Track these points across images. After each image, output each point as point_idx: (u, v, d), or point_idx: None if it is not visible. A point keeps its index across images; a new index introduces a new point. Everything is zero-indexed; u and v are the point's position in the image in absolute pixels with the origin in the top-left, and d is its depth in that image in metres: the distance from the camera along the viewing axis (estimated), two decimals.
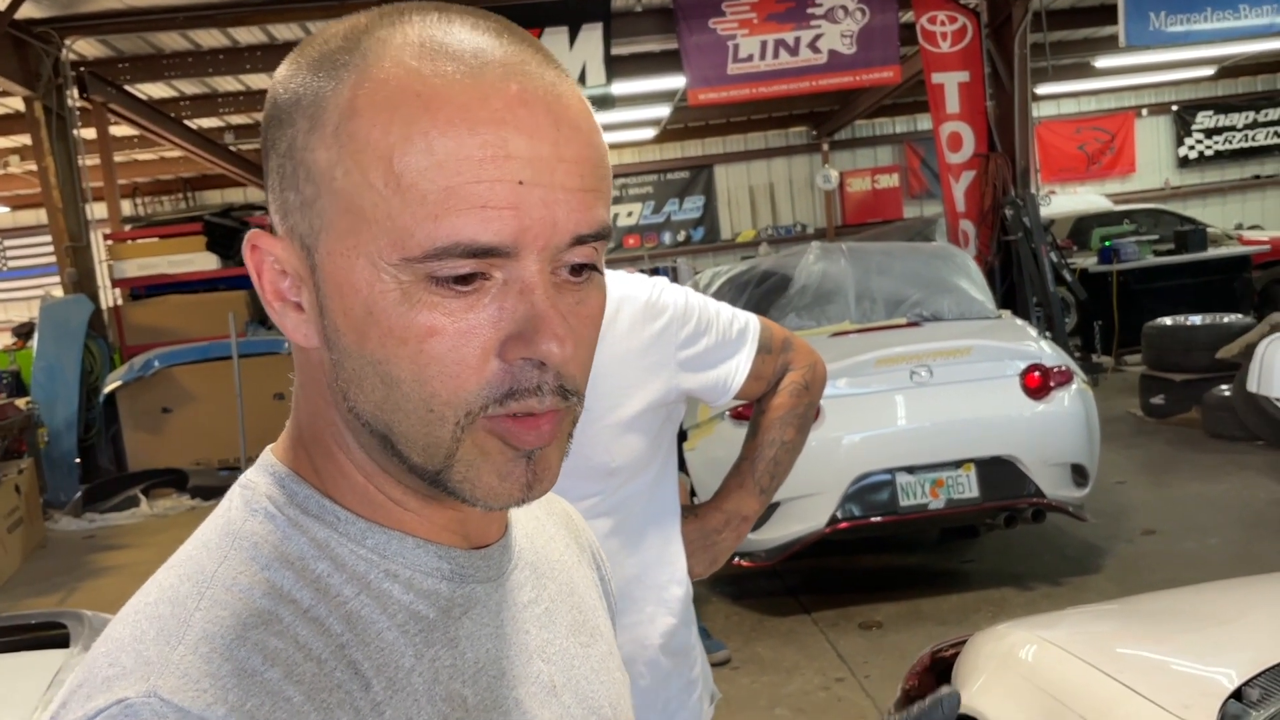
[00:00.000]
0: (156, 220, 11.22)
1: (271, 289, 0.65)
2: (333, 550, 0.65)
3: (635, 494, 1.68)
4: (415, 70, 0.59)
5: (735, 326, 1.77)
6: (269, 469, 0.69)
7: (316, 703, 0.59)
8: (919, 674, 2.90)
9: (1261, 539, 5.19)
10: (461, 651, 0.67)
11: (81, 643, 2.28)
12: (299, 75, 0.63)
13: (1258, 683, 1.91)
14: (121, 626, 0.62)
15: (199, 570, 0.63)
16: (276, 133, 0.63)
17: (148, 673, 0.57)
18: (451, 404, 0.60)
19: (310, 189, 0.61)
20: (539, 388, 0.61)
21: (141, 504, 8.14)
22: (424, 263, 0.58)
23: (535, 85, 0.60)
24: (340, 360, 0.63)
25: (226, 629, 0.59)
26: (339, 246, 0.61)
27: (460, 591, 0.68)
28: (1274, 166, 17.22)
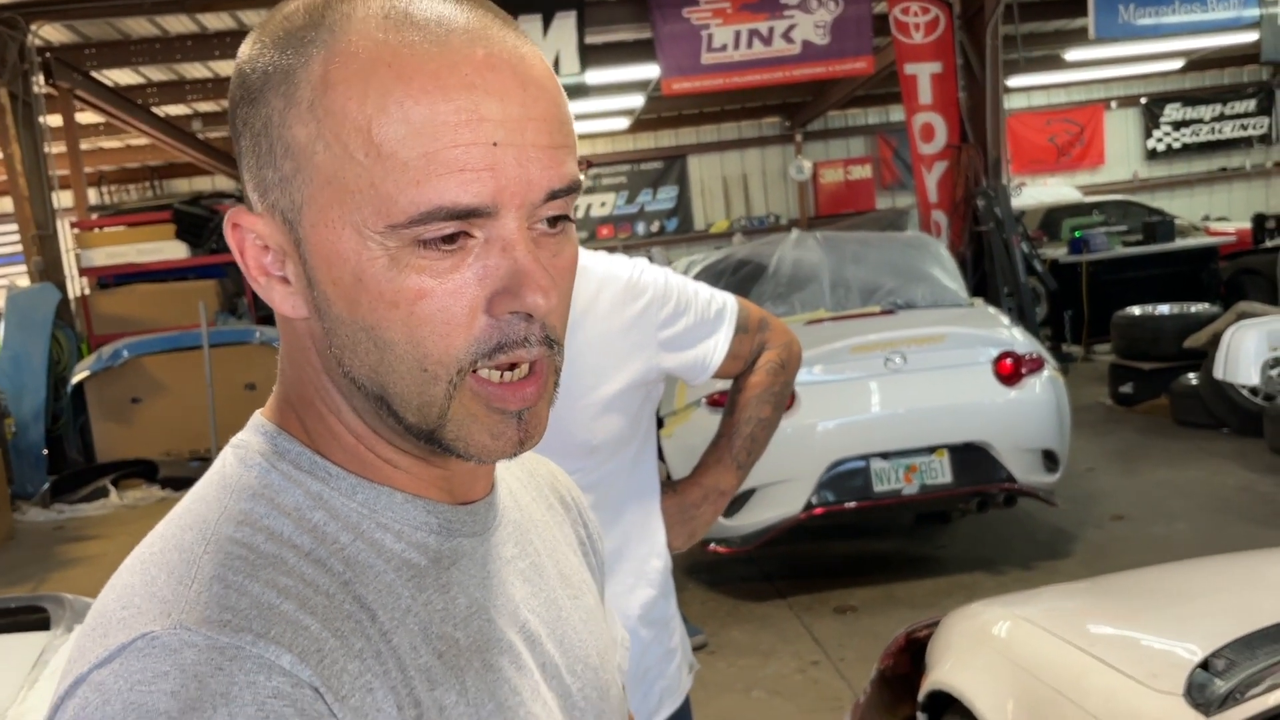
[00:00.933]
0: (124, 208, 11.11)
1: (255, 265, 0.66)
2: (326, 502, 0.67)
3: (616, 470, 1.70)
4: (383, 41, 0.60)
5: (714, 307, 1.80)
6: (260, 429, 0.70)
7: (332, 629, 0.60)
8: (894, 654, 2.94)
9: (1227, 524, 5.28)
10: (453, 597, 0.69)
11: (63, 625, 2.27)
12: (266, 53, 0.64)
13: (1223, 654, 1.96)
14: (128, 575, 0.63)
15: (201, 520, 0.65)
16: (249, 111, 0.64)
17: (167, 609, 0.58)
18: (444, 362, 0.62)
19: (289, 165, 0.62)
20: (526, 339, 0.63)
21: (111, 495, 8.07)
22: (409, 228, 0.60)
23: (500, 49, 0.62)
24: (332, 328, 0.64)
25: (236, 569, 0.61)
26: (323, 218, 0.62)
27: (448, 544, 0.70)
28: (1240, 159, 17.46)
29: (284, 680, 0.56)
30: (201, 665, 0.56)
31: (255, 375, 8.77)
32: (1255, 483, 5.88)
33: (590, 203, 16.71)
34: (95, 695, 0.56)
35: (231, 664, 0.56)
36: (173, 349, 8.69)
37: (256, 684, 0.56)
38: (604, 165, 16.59)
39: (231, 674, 0.56)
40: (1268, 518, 5.29)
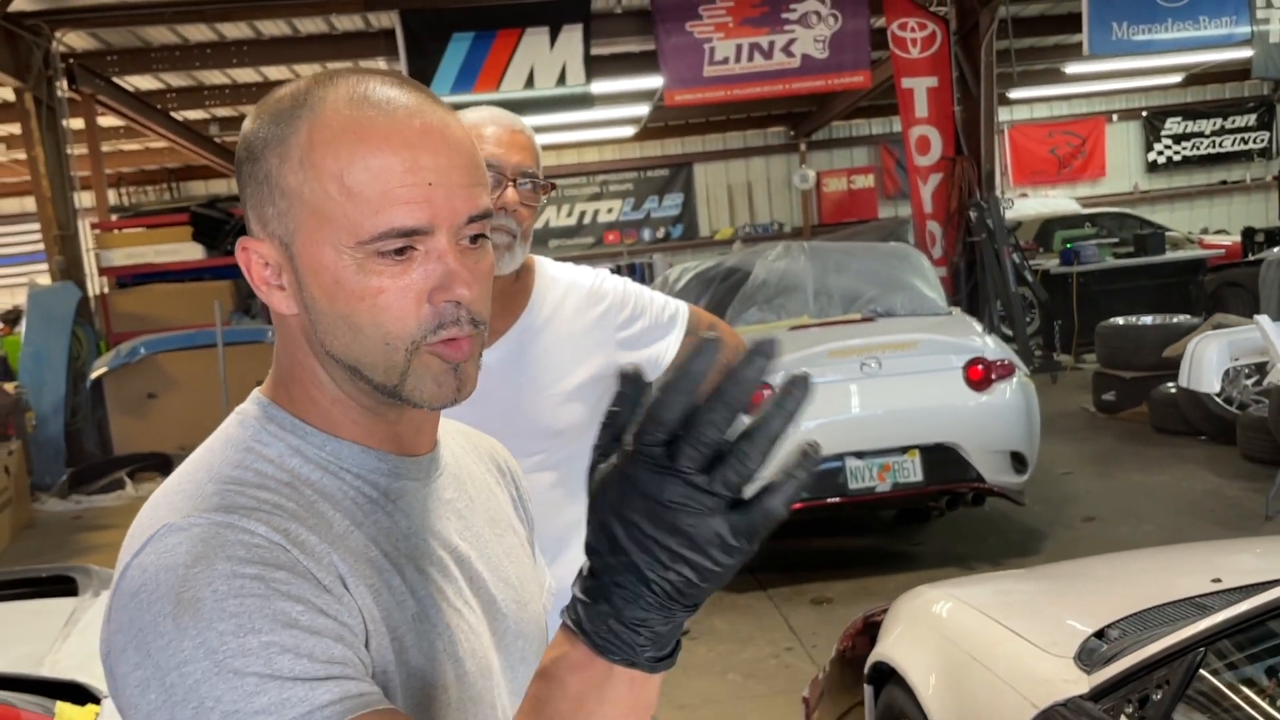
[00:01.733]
0: (143, 210, 11.42)
1: (259, 277, 0.93)
2: (302, 452, 0.93)
3: (576, 453, 1.95)
4: (349, 116, 0.88)
5: (667, 312, 2.06)
6: (256, 400, 0.97)
7: (300, 521, 0.86)
8: (853, 636, 3.21)
9: (1192, 525, 5.52)
10: (396, 521, 0.95)
11: (90, 591, 2.54)
12: (265, 126, 0.91)
13: (1119, 625, 2.21)
14: (154, 501, 0.90)
15: (207, 464, 0.91)
16: (252, 167, 0.91)
17: (181, 511, 0.85)
18: (401, 337, 0.89)
19: (284, 203, 0.89)
20: (458, 320, 0.90)
21: (127, 486, 8.36)
22: (371, 243, 0.87)
23: (430, 119, 0.89)
24: (317, 319, 0.91)
25: (230, 492, 0.87)
26: (310, 239, 0.88)
27: (395, 485, 0.96)
28: (1241, 172, 17.62)
29: (262, 538, 0.82)
30: (204, 531, 0.81)
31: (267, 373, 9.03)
32: (1223, 487, 6.11)
33: (597, 209, 16.97)
34: (136, 571, 0.82)
35: (225, 530, 0.81)
36: (188, 347, 8.99)
37: (244, 540, 0.81)
38: (611, 172, 16.86)
39: (225, 535, 0.81)
40: (1231, 520, 5.53)
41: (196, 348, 8.94)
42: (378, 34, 9.89)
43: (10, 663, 2.16)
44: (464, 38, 9.23)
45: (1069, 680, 2.00)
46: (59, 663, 2.17)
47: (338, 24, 9.90)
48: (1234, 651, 1.87)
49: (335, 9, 9.19)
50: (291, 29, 9.92)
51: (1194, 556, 2.97)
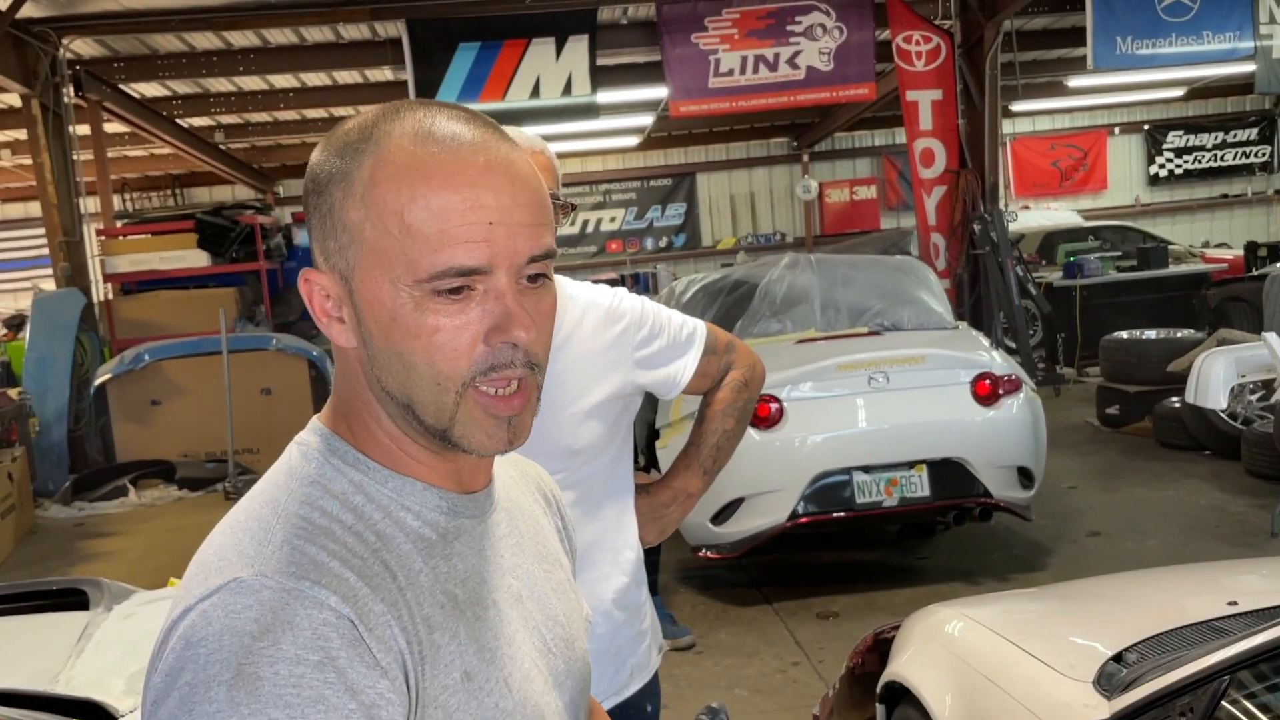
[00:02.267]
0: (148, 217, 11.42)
1: (320, 308, 0.93)
2: (365, 488, 0.93)
3: (595, 472, 1.95)
4: (413, 152, 0.87)
5: (685, 331, 2.06)
6: (317, 431, 0.97)
7: (366, 582, 0.86)
8: (862, 653, 3.20)
9: (1196, 540, 5.51)
10: (454, 564, 0.94)
11: (102, 605, 2.53)
12: (331, 159, 0.91)
13: (1137, 648, 2.21)
14: (220, 537, 0.89)
15: (274, 500, 0.91)
16: (318, 199, 0.91)
17: (250, 562, 0.84)
18: (452, 378, 0.88)
19: (346, 237, 0.89)
20: (513, 362, 0.89)
21: (130, 494, 8.35)
22: (428, 282, 0.86)
23: (495, 156, 0.89)
24: (374, 354, 0.91)
25: (299, 536, 0.87)
26: (369, 275, 0.88)
27: (454, 523, 0.96)
28: (1242, 186, 17.65)
29: (331, 614, 0.81)
30: (275, 601, 0.81)
31: (271, 380, 9.07)
32: (1227, 503, 6.11)
33: (600, 218, 16.98)
34: (200, 619, 0.81)
35: (295, 601, 0.81)
36: (192, 354, 8.99)
37: (312, 615, 0.81)
38: (614, 181, 16.88)
39: (295, 608, 0.81)
40: (1235, 536, 5.52)
41: (200, 355, 8.95)
42: (384, 43, 9.91)
43: (24, 679, 2.16)
44: (470, 47, 9.25)
45: (1089, 705, 2.00)
46: (74, 680, 2.16)
47: (345, 33, 9.91)
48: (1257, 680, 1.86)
49: (342, 18, 9.20)
50: (298, 37, 9.93)
51: (1206, 577, 2.96)
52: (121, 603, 2.57)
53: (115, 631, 2.34)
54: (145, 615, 2.43)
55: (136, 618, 2.42)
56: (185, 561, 0.91)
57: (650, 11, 9.66)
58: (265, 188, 15.90)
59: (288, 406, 9.07)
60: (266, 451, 8.92)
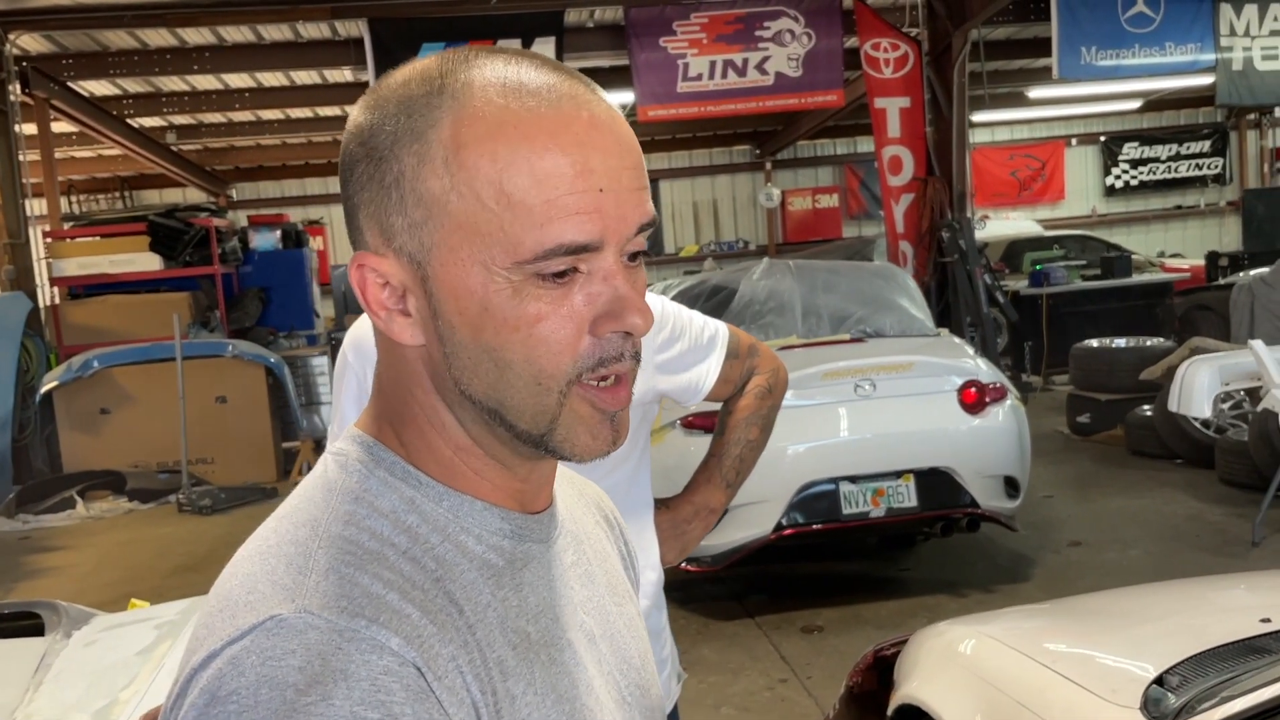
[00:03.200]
0: (98, 218, 11.06)
1: (375, 300, 0.76)
2: (418, 506, 0.76)
3: (613, 487, 1.78)
4: (505, 106, 0.71)
5: (706, 333, 1.91)
6: (357, 440, 0.80)
7: (430, 618, 0.70)
8: (862, 671, 3.06)
9: (1178, 551, 5.47)
10: (525, 596, 0.78)
11: (60, 630, 2.32)
12: (391, 118, 0.73)
13: (1176, 671, 2.09)
14: (248, 565, 0.72)
15: (311, 518, 0.74)
16: (374, 169, 0.74)
17: (290, 595, 0.68)
18: (555, 376, 0.73)
19: (420, 212, 0.72)
20: (622, 354, 0.75)
21: (78, 506, 8.03)
22: (533, 263, 0.71)
23: (599, 112, 0.74)
24: (454, 352, 0.74)
25: (346, 563, 0.70)
26: (453, 257, 0.72)
27: (520, 548, 0.80)
28: (1195, 197, 17.91)
29: (393, 659, 0.66)
30: (324, 644, 0.65)
31: (227, 388, 8.79)
32: (1205, 512, 6.08)
33: None
34: (230, 667, 0.65)
35: (349, 644, 0.65)
36: (144, 361, 8.69)
37: (370, 662, 0.65)
38: None
39: (349, 653, 0.65)
40: (1217, 546, 5.48)
41: (153, 362, 8.66)
42: (345, 42, 9.69)
43: None
44: (434, 47, 9.04)
45: None
46: (33, 716, 1.96)
47: (304, 31, 9.68)
48: None
49: (302, 16, 8.97)
50: (256, 35, 9.68)
51: (1224, 592, 2.87)
52: (81, 628, 2.36)
53: (77, 661, 2.14)
54: (109, 643, 2.22)
55: (100, 645, 2.21)
56: (137, 576, 0.77)
57: (618, 14, 9.55)
58: (218, 191, 15.54)
59: (244, 415, 8.81)
60: (221, 462, 8.65)
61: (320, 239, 15.61)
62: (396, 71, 0.77)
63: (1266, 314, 7.75)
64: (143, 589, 5.51)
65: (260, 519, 0.79)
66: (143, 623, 2.34)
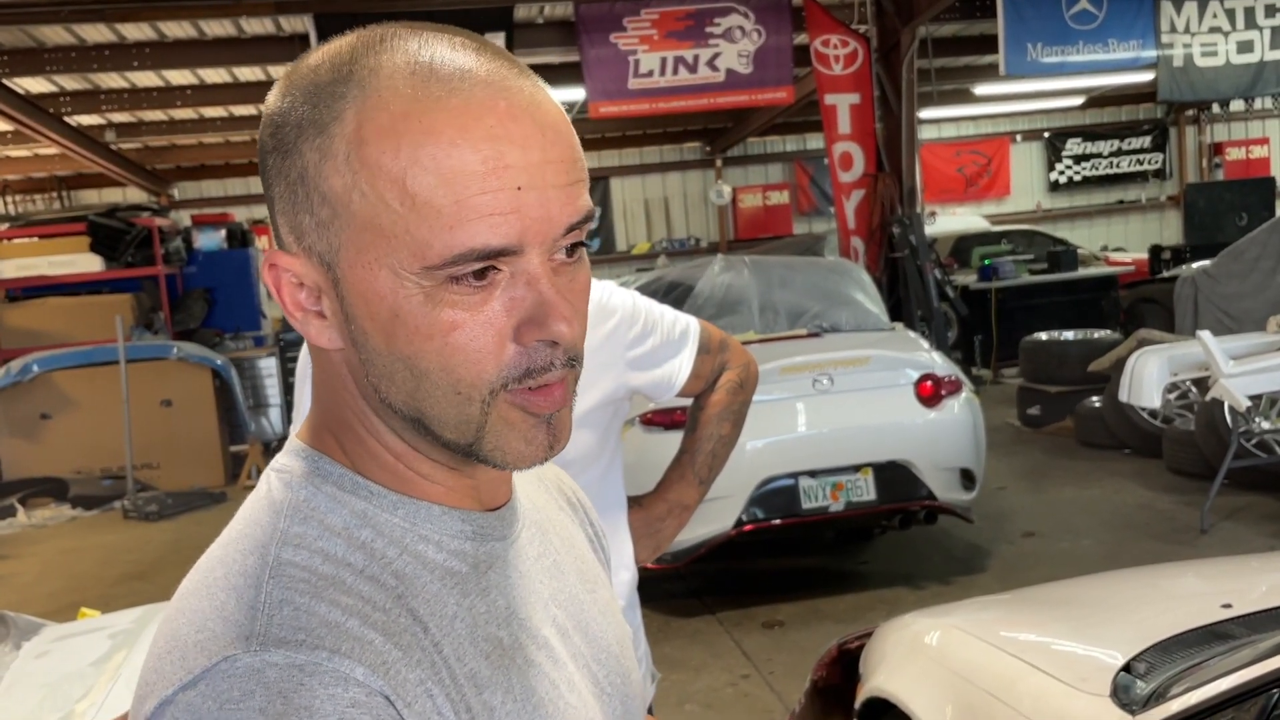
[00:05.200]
0: (35, 219, 10.77)
1: (291, 301, 0.72)
2: (371, 519, 0.72)
3: (586, 485, 1.74)
4: (411, 96, 0.65)
5: (678, 328, 1.89)
6: (299, 453, 0.75)
7: (394, 642, 0.66)
8: (827, 665, 3.06)
9: (1129, 539, 5.56)
10: (492, 600, 0.75)
11: (9, 642, 2.24)
12: (297, 106, 0.68)
13: (1143, 658, 2.11)
14: (195, 600, 0.68)
15: (258, 544, 0.69)
16: (282, 161, 0.69)
17: (243, 632, 0.63)
18: (476, 385, 0.68)
19: (326, 211, 0.67)
20: (551, 364, 0.69)
21: (19, 514, 7.83)
22: (443, 268, 0.66)
23: (518, 99, 0.68)
24: (369, 359, 0.70)
25: (300, 591, 0.66)
26: (360, 260, 0.67)
27: (483, 549, 0.76)
28: (1137, 192, 18.25)
29: (359, 690, 0.62)
30: (284, 682, 0.61)
31: (172, 391, 8.60)
32: (1154, 500, 6.19)
33: None
34: (186, 714, 0.61)
35: (311, 679, 0.61)
36: (85, 364, 8.49)
37: (335, 695, 0.61)
38: None
39: (312, 688, 0.61)
40: (1167, 534, 5.58)
41: (95, 365, 8.46)
42: (290, 38, 9.52)
43: None
44: None
45: None
46: None
47: (247, 27, 9.49)
48: None
49: (245, 11, 8.78)
50: (197, 31, 9.47)
51: (1181, 578, 2.91)
52: (31, 639, 2.28)
53: (28, 673, 2.06)
54: (62, 654, 2.15)
55: (52, 656, 2.14)
56: (83, 585, 0.72)
57: (568, 10, 9.49)
58: (159, 190, 15.21)
59: (190, 418, 8.63)
60: (167, 467, 8.47)
61: (266, 238, 15.36)
62: (313, 52, 0.72)
63: (1210, 306, 7.90)
64: (89, 598, 5.36)
65: (208, 524, 0.75)
66: (96, 632, 2.27)
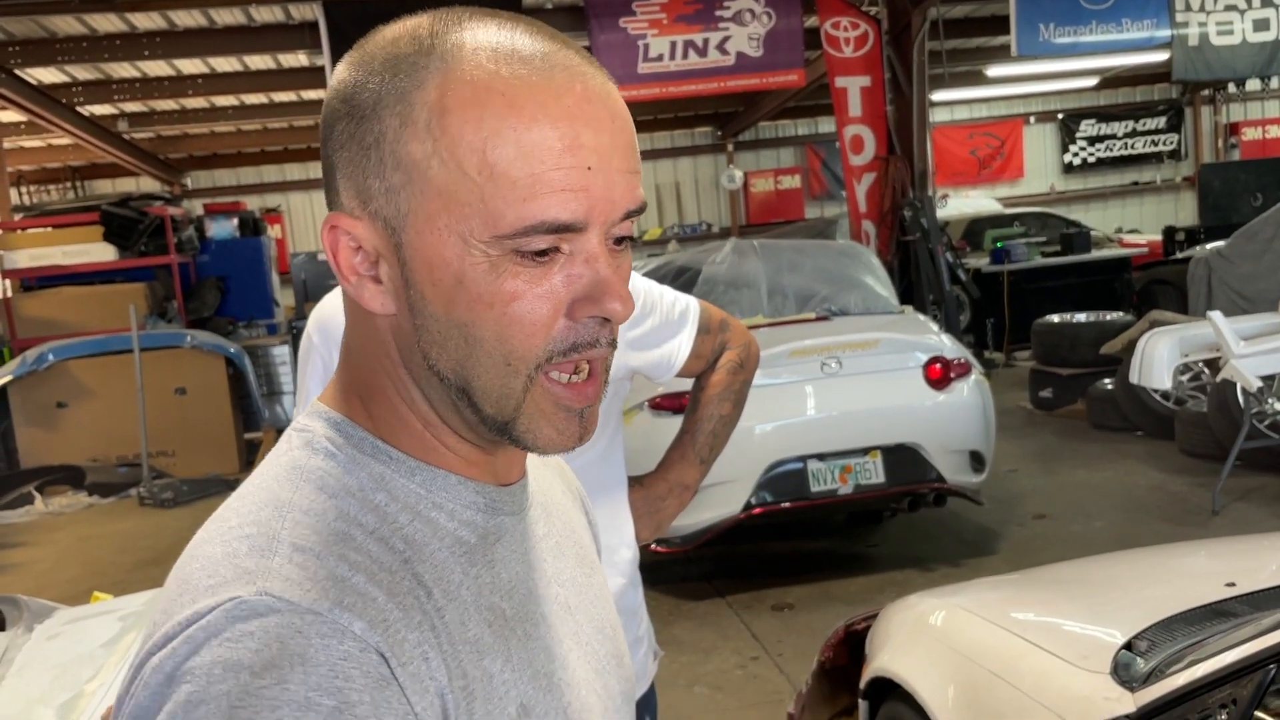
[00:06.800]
0: (49, 209, 10.84)
1: (346, 264, 0.74)
2: (387, 483, 0.74)
3: (588, 464, 1.78)
4: (495, 73, 0.69)
5: (677, 308, 1.89)
6: (322, 415, 0.78)
7: (396, 602, 0.68)
8: (834, 646, 3.07)
9: (1141, 521, 5.54)
10: (498, 572, 0.77)
11: (22, 625, 2.27)
12: (375, 77, 0.71)
13: (1144, 636, 2.11)
14: (209, 547, 0.70)
15: (275, 498, 0.72)
16: (355, 127, 0.71)
17: (252, 578, 0.66)
18: (525, 358, 0.71)
19: (399, 177, 0.70)
20: (598, 340, 0.72)
21: (36, 501, 7.90)
22: (512, 239, 0.68)
23: (593, 84, 0.71)
24: (424, 325, 0.72)
25: (312, 544, 0.68)
26: (430, 226, 0.70)
27: (493, 522, 0.78)
28: (1152, 174, 18.13)
29: (354, 645, 0.64)
30: (283, 628, 0.63)
31: (186, 380, 8.66)
32: (1166, 483, 6.17)
33: None
34: (186, 648, 0.63)
35: (310, 628, 0.63)
36: (100, 353, 8.55)
37: (330, 646, 0.63)
38: None
39: (309, 637, 0.63)
40: (1178, 515, 5.57)
41: (109, 354, 8.51)
42: (300, 26, 9.53)
43: None
44: None
45: (1110, 698, 1.89)
46: None
47: (256, 15, 9.51)
48: None
49: (254, 0, 8.81)
50: (207, 20, 9.50)
51: (1188, 557, 2.91)
52: (43, 621, 2.31)
53: (40, 654, 2.10)
54: (73, 635, 2.18)
55: (63, 638, 2.17)
56: (99, 571, 0.73)
57: None
58: (172, 179, 15.29)
59: (204, 406, 8.69)
60: (182, 454, 8.53)
61: (279, 227, 15.41)
62: (386, 28, 0.74)
63: (1223, 287, 7.85)
64: (105, 584, 5.42)
65: None
66: (106, 615, 2.30)
